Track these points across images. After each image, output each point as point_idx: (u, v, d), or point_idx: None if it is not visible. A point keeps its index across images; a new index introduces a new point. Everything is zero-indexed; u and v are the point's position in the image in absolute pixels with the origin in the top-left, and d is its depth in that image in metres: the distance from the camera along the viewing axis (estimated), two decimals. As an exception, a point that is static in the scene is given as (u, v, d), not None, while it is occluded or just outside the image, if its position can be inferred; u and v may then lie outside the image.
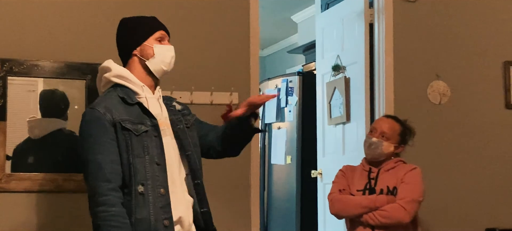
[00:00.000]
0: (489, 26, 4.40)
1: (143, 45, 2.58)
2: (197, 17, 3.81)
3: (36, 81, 3.45)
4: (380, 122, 3.45)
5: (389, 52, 4.21)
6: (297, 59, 7.99)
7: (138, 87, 2.56)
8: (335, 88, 4.74)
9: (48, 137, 3.45)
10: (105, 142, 2.41)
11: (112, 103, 2.49)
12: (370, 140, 3.36)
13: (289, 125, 6.13)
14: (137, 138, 2.45)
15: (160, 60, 2.58)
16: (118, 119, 2.45)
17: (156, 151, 2.48)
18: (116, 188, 2.39)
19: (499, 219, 4.30)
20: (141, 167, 2.43)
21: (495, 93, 4.39)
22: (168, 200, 2.47)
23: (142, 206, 2.42)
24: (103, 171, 2.38)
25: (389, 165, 3.36)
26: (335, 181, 3.44)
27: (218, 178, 3.76)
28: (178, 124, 2.62)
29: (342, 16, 4.72)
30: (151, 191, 2.44)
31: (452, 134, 4.30)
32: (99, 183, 2.37)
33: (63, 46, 3.54)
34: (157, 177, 2.46)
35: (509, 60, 4.40)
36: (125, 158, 2.43)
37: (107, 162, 2.39)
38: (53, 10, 3.55)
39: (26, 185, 3.40)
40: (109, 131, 2.43)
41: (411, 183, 3.28)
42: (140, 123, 2.48)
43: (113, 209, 2.35)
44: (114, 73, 2.57)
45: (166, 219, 2.44)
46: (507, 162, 4.38)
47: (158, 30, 2.62)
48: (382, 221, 3.19)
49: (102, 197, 2.36)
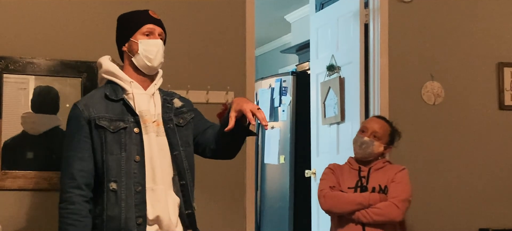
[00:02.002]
0: (483, 28, 4.42)
1: (130, 41, 2.57)
2: (193, 16, 3.81)
3: (27, 79, 3.43)
4: (371, 122, 3.47)
5: (384, 53, 4.22)
6: (290, 59, 8.00)
7: (126, 83, 2.54)
8: (329, 88, 4.74)
9: (43, 135, 3.44)
10: (78, 139, 2.44)
11: (93, 100, 2.50)
12: (362, 139, 3.38)
13: (282, 125, 6.13)
14: (113, 135, 2.45)
15: (144, 55, 2.53)
16: (94, 116, 2.45)
17: (135, 147, 2.46)
18: (80, 186, 2.41)
19: (493, 219, 4.32)
20: (114, 164, 2.43)
21: (489, 94, 4.41)
22: (143, 198, 2.45)
23: (113, 204, 2.42)
24: (69, 168, 2.41)
25: (378, 164, 3.39)
26: (324, 177, 3.44)
27: (214, 178, 3.76)
28: (168, 122, 2.59)
29: (337, 16, 4.73)
30: (125, 188, 2.43)
31: (446, 134, 4.32)
32: (65, 179, 2.42)
33: (59, 44, 3.52)
34: (135, 174, 2.44)
35: (503, 61, 4.43)
36: (99, 155, 2.44)
37: (76, 160, 2.42)
38: (49, 8, 3.54)
39: (20, 183, 3.38)
40: (84, 128, 2.44)
41: (402, 183, 3.33)
42: (120, 119, 2.47)
43: (72, 206, 2.39)
44: (104, 69, 2.59)
45: (139, 217, 2.43)
46: (500, 162, 4.40)
47: (145, 24, 2.57)
48: (375, 219, 3.21)
49: (65, 193, 2.40)
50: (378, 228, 3.23)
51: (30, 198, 3.42)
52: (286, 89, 6.06)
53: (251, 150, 3.91)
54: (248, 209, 3.85)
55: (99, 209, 2.45)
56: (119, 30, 2.63)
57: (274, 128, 6.26)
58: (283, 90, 6.07)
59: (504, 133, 4.42)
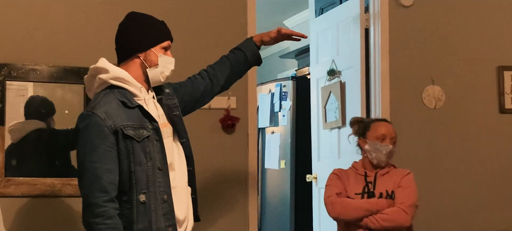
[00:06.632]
0: (483, 32, 4.44)
1: (150, 51, 2.51)
2: (195, 20, 3.82)
3: (26, 86, 3.42)
4: (388, 128, 3.40)
5: (385, 57, 4.23)
6: (289, 64, 8.00)
7: (136, 89, 2.48)
8: (330, 92, 4.75)
9: (27, 137, 3.43)
10: (104, 150, 2.33)
11: (113, 107, 2.40)
12: (388, 148, 3.32)
13: (283, 129, 6.13)
14: (139, 144, 2.39)
15: (161, 71, 2.51)
16: (120, 125, 2.36)
17: (158, 155, 2.43)
18: (113, 199, 2.33)
19: (495, 222, 4.33)
20: (142, 175, 2.38)
21: (489, 97, 4.43)
22: (171, 206, 2.43)
23: (143, 215, 2.36)
24: (99, 181, 2.30)
25: (384, 169, 3.38)
26: (330, 183, 3.40)
27: (216, 182, 3.76)
28: (174, 109, 2.58)
29: (337, 21, 4.73)
30: (153, 198, 2.38)
31: (447, 138, 4.33)
32: (96, 193, 2.30)
33: (61, 51, 3.53)
34: (160, 183, 2.42)
35: (503, 65, 4.44)
36: (126, 166, 2.37)
37: (104, 171, 2.32)
38: (51, 15, 3.54)
39: (23, 190, 3.38)
40: (108, 138, 2.34)
41: (408, 187, 3.31)
42: (141, 127, 2.41)
43: (109, 221, 2.30)
44: (112, 75, 2.47)
45: (169, 226, 2.41)
46: (501, 165, 4.41)
47: (168, 39, 2.56)
48: (384, 225, 3.20)
49: (99, 208, 2.29)
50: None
51: (34, 204, 3.42)
52: (286, 94, 6.06)
53: (253, 156, 3.91)
54: (251, 214, 3.85)
55: (125, 222, 2.37)
56: (137, 34, 2.52)
57: (274, 133, 6.26)
58: (283, 95, 6.08)
59: (505, 136, 4.44)
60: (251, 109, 3.94)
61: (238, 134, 3.88)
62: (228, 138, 3.85)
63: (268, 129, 6.36)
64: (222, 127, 3.84)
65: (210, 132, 3.79)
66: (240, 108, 3.88)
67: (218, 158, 3.81)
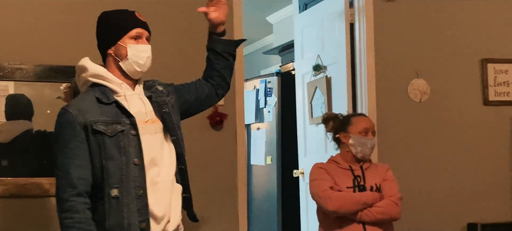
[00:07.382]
0: (467, 25, 4.48)
1: (117, 44, 2.47)
2: (180, 17, 3.81)
3: (7, 86, 3.39)
4: (369, 122, 3.43)
5: (370, 51, 4.26)
6: (273, 60, 8.01)
7: (116, 85, 2.47)
8: (316, 87, 4.76)
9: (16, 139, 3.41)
10: (75, 146, 2.35)
11: (86, 104, 2.41)
12: (372, 141, 3.37)
13: (268, 125, 6.14)
14: (112, 139, 2.38)
15: (134, 61, 2.47)
16: (90, 121, 2.37)
17: (134, 150, 2.41)
18: (82, 194, 2.33)
19: (480, 214, 4.37)
20: (115, 169, 2.37)
21: (473, 90, 4.47)
22: (145, 202, 2.40)
23: (115, 210, 2.36)
24: (69, 176, 2.32)
25: (367, 163, 3.41)
26: (320, 177, 3.36)
27: (205, 180, 3.76)
28: (163, 106, 2.56)
29: (322, 16, 4.75)
30: (126, 193, 2.37)
31: (432, 131, 4.37)
32: (65, 188, 2.32)
33: (47, 49, 3.50)
34: (135, 178, 2.39)
35: (486, 58, 4.49)
36: (98, 161, 2.37)
37: (74, 167, 2.33)
38: (36, 14, 3.52)
39: (11, 190, 3.36)
40: (79, 134, 2.35)
41: (393, 181, 3.37)
42: (116, 122, 2.40)
43: (76, 215, 2.30)
44: (91, 72, 2.47)
45: (142, 222, 2.39)
46: (486, 157, 4.46)
47: (134, 28, 2.49)
48: (378, 217, 3.22)
49: (66, 203, 2.31)
50: (378, 227, 3.24)
51: (22, 204, 3.39)
52: (271, 90, 6.07)
53: (242, 152, 3.92)
54: (241, 210, 3.86)
55: (99, 217, 2.38)
56: (104, 31, 2.52)
57: (260, 129, 6.27)
58: (268, 91, 6.09)
59: (489, 128, 4.48)
60: (239, 106, 3.94)
61: (226, 130, 3.88)
62: (216, 134, 3.85)
63: (254, 125, 6.37)
64: (210, 123, 3.83)
65: (199, 129, 3.79)
66: (228, 105, 3.88)
67: (206, 154, 3.81)
